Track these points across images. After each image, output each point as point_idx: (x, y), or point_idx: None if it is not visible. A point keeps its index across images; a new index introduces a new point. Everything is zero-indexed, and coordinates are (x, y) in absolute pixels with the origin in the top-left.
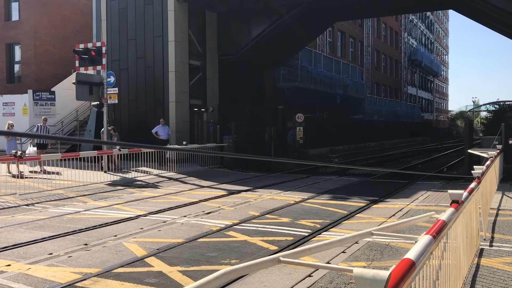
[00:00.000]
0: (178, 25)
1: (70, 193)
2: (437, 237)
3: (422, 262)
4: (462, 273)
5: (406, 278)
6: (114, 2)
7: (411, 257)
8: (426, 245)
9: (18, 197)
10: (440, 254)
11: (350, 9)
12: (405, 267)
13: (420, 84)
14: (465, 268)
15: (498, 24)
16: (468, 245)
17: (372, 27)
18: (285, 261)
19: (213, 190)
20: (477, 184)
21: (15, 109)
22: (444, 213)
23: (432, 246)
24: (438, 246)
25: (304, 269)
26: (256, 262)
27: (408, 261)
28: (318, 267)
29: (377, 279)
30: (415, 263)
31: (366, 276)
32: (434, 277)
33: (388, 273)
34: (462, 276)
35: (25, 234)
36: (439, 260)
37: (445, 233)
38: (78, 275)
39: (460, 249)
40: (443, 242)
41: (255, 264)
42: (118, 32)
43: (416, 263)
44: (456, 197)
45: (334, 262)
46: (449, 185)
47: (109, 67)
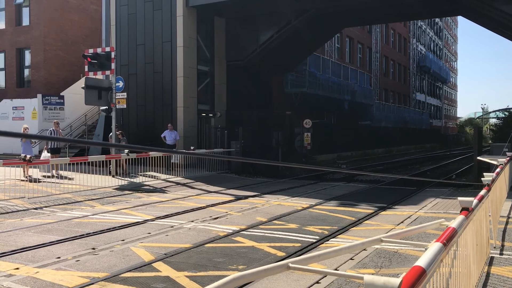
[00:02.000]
0: (186, 31)
1: (78, 197)
2: (447, 245)
3: (433, 270)
4: (472, 282)
5: (417, 286)
6: (124, 7)
7: (421, 264)
8: (437, 252)
9: (27, 200)
10: (450, 262)
11: (359, 15)
12: (415, 275)
13: (428, 91)
14: (475, 276)
15: (508, 31)
16: (478, 253)
17: (381, 33)
18: (294, 267)
19: (220, 195)
20: (487, 192)
21: (25, 113)
22: (454, 221)
23: (442, 254)
24: (448, 254)
25: (312, 276)
26: (265, 268)
27: (419, 268)
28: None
29: (388, 287)
30: (425, 270)
31: (377, 283)
32: (444, 285)
33: (399, 280)
34: (472, 284)
35: (33, 238)
36: (449, 268)
37: (455, 241)
38: (86, 279)
39: (470, 257)
40: (453, 249)
41: (264, 270)
42: (127, 37)
43: (426, 270)
44: (466, 205)
45: (342, 269)
46: (458, 192)
47: (118, 72)
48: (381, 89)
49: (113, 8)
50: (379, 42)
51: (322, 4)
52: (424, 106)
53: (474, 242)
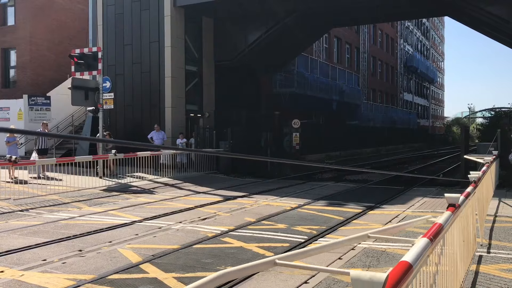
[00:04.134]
0: (174, 31)
1: (64, 198)
2: (434, 240)
3: (419, 265)
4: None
5: (403, 281)
6: (111, 7)
7: (408, 259)
8: (423, 248)
9: (12, 202)
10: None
11: (346, 15)
12: (402, 270)
13: (416, 91)
14: (462, 273)
15: (493, 31)
16: (465, 249)
17: (368, 33)
18: (281, 263)
19: (208, 196)
20: (474, 188)
21: (10, 114)
22: (441, 217)
23: (429, 249)
24: (435, 250)
25: (300, 276)
26: (252, 264)
27: (405, 263)
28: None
29: (374, 281)
30: (412, 266)
31: (363, 279)
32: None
33: (385, 275)
34: (458, 281)
35: (18, 240)
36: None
37: (442, 237)
38: (72, 282)
39: (457, 254)
40: (439, 245)
41: (251, 267)
42: (114, 37)
43: (413, 266)
44: (452, 201)
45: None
46: (445, 192)
47: (105, 72)
48: (369, 89)
49: (100, 8)
50: (366, 43)
51: (309, 4)
52: (412, 106)
53: (461, 239)
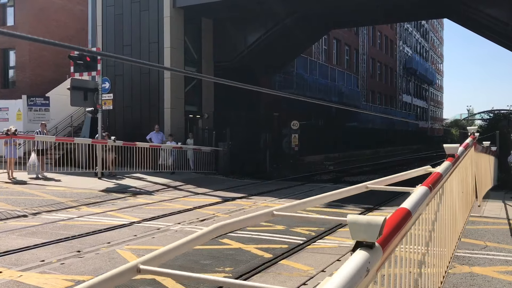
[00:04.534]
0: (174, 32)
1: (63, 199)
2: (433, 189)
3: (418, 212)
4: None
5: (402, 227)
6: (110, 8)
7: (406, 206)
8: (422, 195)
9: (11, 203)
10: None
11: (346, 17)
12: (400, 216)
13: (415, 92)
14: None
15: (493, 33)
16: (463, 200)
17: (368, 35)
18: (278, 214)
19: (207, 197)
20: (473, 140)
21: (9, 115)
22: (440, 166)
23: (428, 197)
24: (434, 198)
25: (298, 278)
26: (251, 216)
27: (404, 210)
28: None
29: (371, 224)
30: (411, 212)
31: (360, 222)
32: (430, 227)
33: (383, 218)
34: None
35: (17, 241)
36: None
37: (441, 186)
38: (71, 283)
39: (455, 204)
40: (438, 194)
41: (250, 218)
42: (113, 38)
43: (412, 212)
44: (451, 151)
45: (329, 270)
46: None
47: (104, 73)
48: (368, 90)
49: (100, 8)
50: (366, 44)
51: (308, 5)
52: (411, 108)
53: (460, 190)
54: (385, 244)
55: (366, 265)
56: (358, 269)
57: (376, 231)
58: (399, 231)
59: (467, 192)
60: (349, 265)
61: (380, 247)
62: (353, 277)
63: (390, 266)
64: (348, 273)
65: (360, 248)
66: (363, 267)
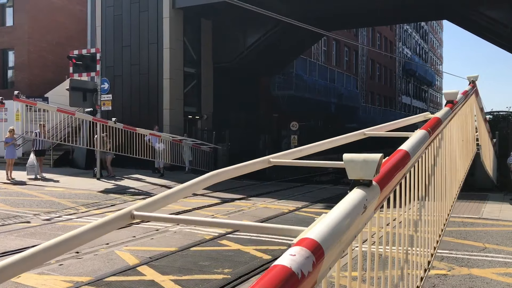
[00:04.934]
0: (173, 32)
1: (62, 200)
2: (432, 133)
3: (417, 155)
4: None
5: (399, 167)
6: (109, 8)
7: (405, 148)
8: (421, 138)
9: (10, 203)
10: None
11: (345, 19)
12: (399, 157)
13: (414, 94)
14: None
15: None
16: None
17: (367, 36)
18: (274, 162)
19: (206, 198)
20: (472, 88)
21: (8, 115)
22: (439, 112)
23: (427, 141)
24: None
25: None
26: (248, 163)
27: (402, 151)
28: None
29: (368, 162)
30: (409, 154)
31: (356, 160)
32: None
33: (380, 155)
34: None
35: (16, 242)
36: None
37: (440, 131)
38: (69, 284)
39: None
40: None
41: (246, 165)
42: (112, 39)
43: (410, 154)
44: (451, 97)
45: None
46: None
47: (103, 73)
48: (367, 92)
49: (99, 9)
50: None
51: (307, 7)
52: (410, 109)
53: (460, 137)
54: (383, 183)
55: (363, 202)
56: (355, 205)
57: (372, 169)
58: (397, 171)
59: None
60: (346, 201)
61: (377, 185)
62: (349, 213)
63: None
64: (345, 208)
65: (357, 186)
66: (360, 203)
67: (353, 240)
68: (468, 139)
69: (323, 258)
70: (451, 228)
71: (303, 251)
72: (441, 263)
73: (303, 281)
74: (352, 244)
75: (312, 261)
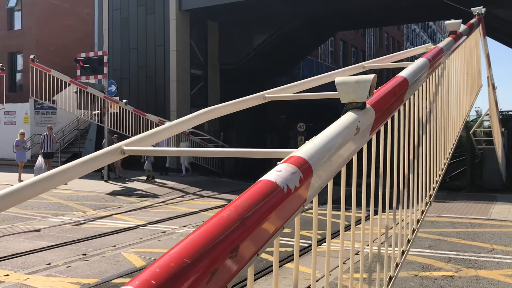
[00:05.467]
0: (179, 35)
1: (70, 202)
2: (433, 61)
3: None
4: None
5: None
6: (116, 11)
7: (403, 74)
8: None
9: (18, 206)
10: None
11: (351, 19)
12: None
13: None
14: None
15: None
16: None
17: (374, 36)
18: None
19: (213, 200)
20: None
21: (17, 118)
22: (442, 42)
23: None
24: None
25: (302, 281)
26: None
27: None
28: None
29: (360, 82)
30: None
31: (348, 81)
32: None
33: (374, 75)
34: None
35: (24, 244)
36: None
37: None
38: (76, 286)
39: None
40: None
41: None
42: (119, 41)
43: (408, 79)
44: (454, 27)
45: (334, 273)
46: (451, 196)
47: (111, 76)
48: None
49: (106, 12)
50: (373, 46)
51: (314, 8)
52: None
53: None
54: (378, 106)
55: (355, 124)
56: (346, 125)
57: (365, 90)
58: (394, 96)
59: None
60: (337, 123)
61: (372, 108)
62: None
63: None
64: (335, 129)
65: (350, 110)
66: (352, 124)
67: (346, 162)
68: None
69: (311, 175)
70: (458, 229)
71: (289, 167)
72: (448, 264)
73: (289, 196)
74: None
75: (299, 177)
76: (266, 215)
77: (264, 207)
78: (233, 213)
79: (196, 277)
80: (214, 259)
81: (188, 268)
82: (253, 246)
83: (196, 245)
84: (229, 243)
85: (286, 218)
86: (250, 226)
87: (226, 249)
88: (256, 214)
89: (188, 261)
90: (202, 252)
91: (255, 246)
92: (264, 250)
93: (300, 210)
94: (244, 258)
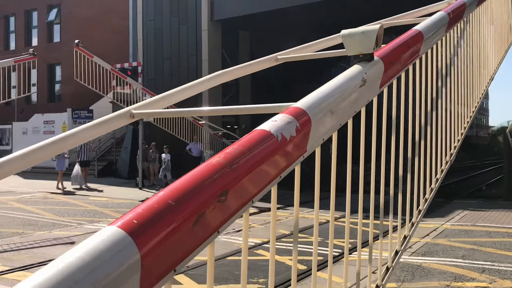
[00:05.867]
0: (211, 44)
1: (105, 209)
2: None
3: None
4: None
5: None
6: (150, 22)
7: (418, 27)
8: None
9: (56, 213)
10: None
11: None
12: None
13: None
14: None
15: None
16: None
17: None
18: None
19: None
20: None
21: (55, 127)
22: None
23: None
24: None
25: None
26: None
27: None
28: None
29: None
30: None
31: (354, 33)
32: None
33: (379, 26)
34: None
35: (61, 250)
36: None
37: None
38: None
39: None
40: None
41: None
42: (154, 52)
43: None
44: None
45: (363, 283)
46: (488, 204)
47: (145, 86)
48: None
49: (140, 23)
50: None
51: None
52: None
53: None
54: (387, 58)
55: (361, 75)
56: (351, 76)
57: (372, 40)
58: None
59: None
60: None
61: (380, 60)
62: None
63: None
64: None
65: (357, 62)
66: (357, 76)
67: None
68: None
69: (309, 125)
70: (494, 238)
71: (285, 117)
72: (482, 275)
73: (284, 144)
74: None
75: (295, 126)
76: (259, 163)
77: (257, 155)
78: (222, 159)
79: (180, 218)
80: (201, 203)
81: (172, 209)
82: (244, 193)
83: (182, 188)
84: (217, 188)
85: (283, 167)
86: (240, 172)
87: (214, 194)
88: (248, 161)
89: (172, 203)
90: (188, 195)
91: (247, 193)
92: (259, 198)
93: (299, 160)
94: (235, 203)
